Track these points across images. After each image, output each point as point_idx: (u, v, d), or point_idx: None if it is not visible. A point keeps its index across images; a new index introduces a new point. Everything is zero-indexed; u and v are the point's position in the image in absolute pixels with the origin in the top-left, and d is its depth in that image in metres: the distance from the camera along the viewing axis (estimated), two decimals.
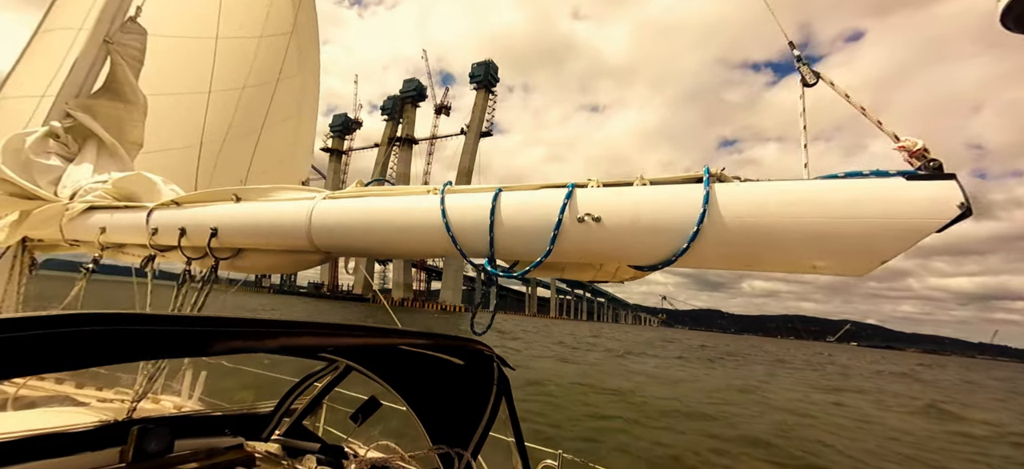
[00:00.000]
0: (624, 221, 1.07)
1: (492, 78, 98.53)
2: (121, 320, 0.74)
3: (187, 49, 3.28)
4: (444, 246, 1.32)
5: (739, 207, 0.96)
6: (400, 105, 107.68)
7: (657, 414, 9.74)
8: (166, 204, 2.01)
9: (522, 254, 1.24)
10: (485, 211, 1.23)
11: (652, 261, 1.08)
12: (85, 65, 2.42)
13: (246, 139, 3.73)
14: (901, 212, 0.82)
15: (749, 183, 1.00)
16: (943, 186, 0.81)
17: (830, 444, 8.63)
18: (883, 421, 11.99)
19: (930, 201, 0.81)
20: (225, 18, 3.37)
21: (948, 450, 9.39)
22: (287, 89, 4.00)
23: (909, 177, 0.85)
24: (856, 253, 0.87)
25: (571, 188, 1.15)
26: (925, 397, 19.03)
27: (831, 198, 0.88)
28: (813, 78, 1.17)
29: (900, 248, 0.83)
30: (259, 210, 1.74)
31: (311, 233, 1.56)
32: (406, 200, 1.42)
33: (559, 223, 1.12)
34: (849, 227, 0.86)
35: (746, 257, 0.98)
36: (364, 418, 2.01)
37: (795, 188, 0.93)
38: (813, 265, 0.91)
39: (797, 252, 0.91)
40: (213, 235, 1.77)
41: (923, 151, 0.87)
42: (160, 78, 2.70)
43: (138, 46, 2.53)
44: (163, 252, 2.01)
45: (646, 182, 1.11)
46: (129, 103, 2.53)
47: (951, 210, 0.79)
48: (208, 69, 3.29)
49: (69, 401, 2.46)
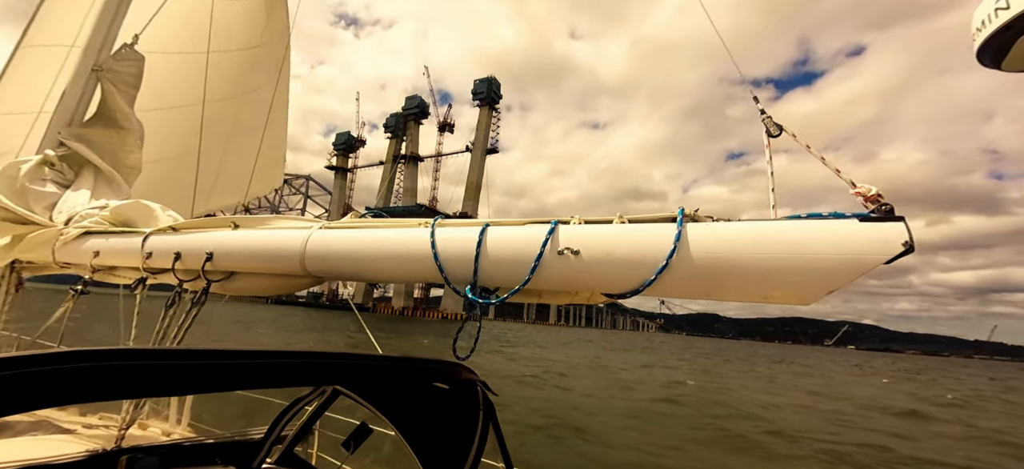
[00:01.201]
0: (601, 255, 1.16)
1: (495, 94, 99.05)
2: (95, 357, 0.71)
3: (160, 65, 3.31)
4: (431, 275, 1.41)
5: (706, 244, 1.06)
6: (403, 122, 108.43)
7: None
8: (163, 230, 2.06)
9: (503, 282, 1.34)
10: (472, 243, 1.32)
11: (622, 290, 1.18)
12: (75, 94, 2.43)
13: (218, 149, 3.75)
14: (850, 249, 0.94)
15: (720, 223, 1.10)
16: (891, 227, 0.92)
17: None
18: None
19: (878, 239, 0.92)
20: (199, 33, 3.41)
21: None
22: (258, 100, 4.04)
23: (862, 219, 0.96)
24: (806, 285, 0.97)
25: (554, 224, 1.25)
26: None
27: (790, 237, 1.00)
28: (776, 130, 1.31)
29: (845, 280, 0.94)
30: (255, 237, 1.80)
31: (305, 259, 1.63)
32: (398, 232, 1.51)
33: (540, 255, 1.21)
34: (802, 262, 0.97)
35: (707, 288, 1.08)
36: (356, 445, 2.01)
37: (759, 227, 1.04)
38: (765, 296, 1.02)
39: (753, 284, 1.01)
40: (208, 259, 1.82)
41: (877, 196, 0.98)
42: (142, 94, 2.70)
43: (133, 72, 2.55)
44: (155, 274, 2.03)
45: (625, 220, 1.21)
46: (123, 130, 2.56)
47: (896, 247, 0.90)
48: (184, 82, 3.34)
49: (54, 428, 2.39)
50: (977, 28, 1.16)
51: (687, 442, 8.89)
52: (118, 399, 1.92)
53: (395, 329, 40.39)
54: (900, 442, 10.32)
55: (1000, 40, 1.11)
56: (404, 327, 45.68)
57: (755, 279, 1.01)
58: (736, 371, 28.06)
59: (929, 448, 10.07)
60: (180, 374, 0.90)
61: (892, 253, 0.89)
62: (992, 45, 1.13)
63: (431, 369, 1.67)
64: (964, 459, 9.26)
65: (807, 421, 12.13)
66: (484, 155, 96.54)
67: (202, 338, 2.15)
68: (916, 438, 11.10)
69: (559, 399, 12.10)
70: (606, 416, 10.49)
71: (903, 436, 11.14)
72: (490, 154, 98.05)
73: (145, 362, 0.83)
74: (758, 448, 8.93)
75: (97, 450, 1.69)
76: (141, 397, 1.90)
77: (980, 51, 1.16)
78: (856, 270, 0.92)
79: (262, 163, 4.12)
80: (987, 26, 1.13)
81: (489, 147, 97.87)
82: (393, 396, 1.95)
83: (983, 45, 1.14)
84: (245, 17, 3.83)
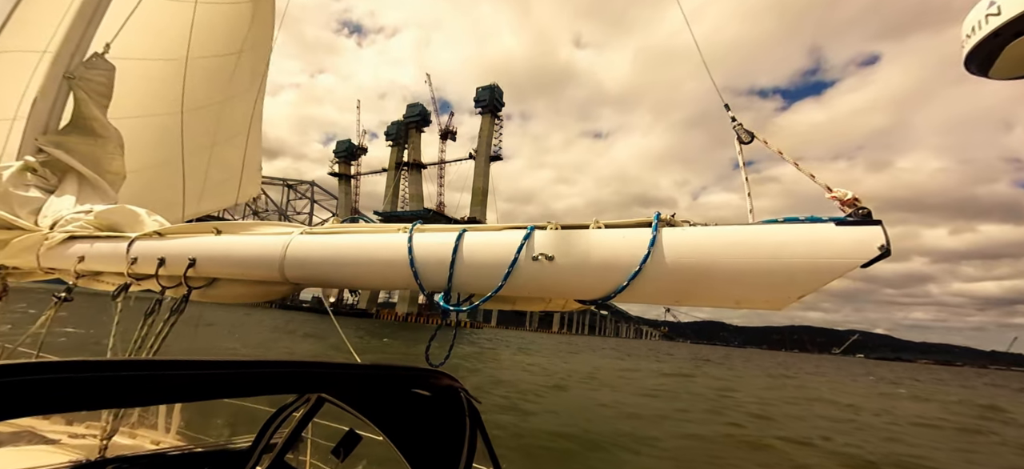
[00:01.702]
0: (575, 260, 1.15)
1: (498, 102, 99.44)
2: (64, 369, 0.70)
3: (137, 72, 3.30)
4: (406, 280, 1.39)
5: (680, 249, 1.05)
6: (404, 130, 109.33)
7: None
8: (149, 235, 2.06)
9: (477, 289, 1.32)
10: (448, 249, 1.31)
11: (594, 296, 1.17)
12: (46, 101, 2.42)
13: (197, 157, 3.74)
14: (825, 252, 0.93)
15: (697, 227, 1.09)
16: (868, 230, 0.91)
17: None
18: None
19: (854, 243, 0.91)
20: (176, 40, 3.41)
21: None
22: (239, 105, 4.04)
23: (839, 223, 0.95)
24: (777, 288, 0.96)
25: (531, 229, 1.24)
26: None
27: (765, 240, 0.98)
28: (747, 137, 1.34)
29: (818, 284, 0.93)
30: (237, 243, 1.79)
31: (284, 266, 1.62)
32: (377, 237, 1.50)
33: (514, 261, 1.20)
34: (776, 266, 0.96)
35: (678, 294, 1.07)
36: (346, 452, 1.97)
37: (734, 232, 1.03)
38: (737, 301, 1.01)
39: (724, 289, 1.01)
40: (191, 265, 1.82)
41: (854, 200, 0.97)
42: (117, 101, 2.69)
43: (104, 81, 2.55)
44: (139, 280, 2.04)
45: (601, 225, 1.20)
46: (101, 137, 2.56)
47: (872, 251, 0.89)
48: (161, 90, 3.33)
49: (37, 438, 2.36)
50: (967, 35, 1.12)
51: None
52: (87, 409, 1.89)
53: (399, 335, 40.35)
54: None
55: (988, 47, 1.09)
56: (408, 333, 45.57)
57: (726, 284, 1.00)
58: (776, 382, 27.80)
59: None
60: (148, 385, 0.88)
61: (868, 256, 0.89)
62: (980, 52, 1.11)
63: (409, 376, 1.63)
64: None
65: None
66: (488, 162, 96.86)
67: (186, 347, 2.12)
68: None
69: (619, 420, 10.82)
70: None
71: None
72: (494, 161, 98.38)
73: (111, 374, 0.81)
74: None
75: (81, 460, 1.66)
76: (107, 407, 1.87)
77: (968, 58, 1.14)
78: (830, 273, 0.92)
79: (236, 171, 4.12)
80: (977, 32, 1.09)
81: (492, 154, 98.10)
82: (377, 403, 1.92)
83: (971, 52, 1.12)
84: (229, 22, 3.83)
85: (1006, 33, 1.07)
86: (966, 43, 1.17)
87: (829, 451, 9.17)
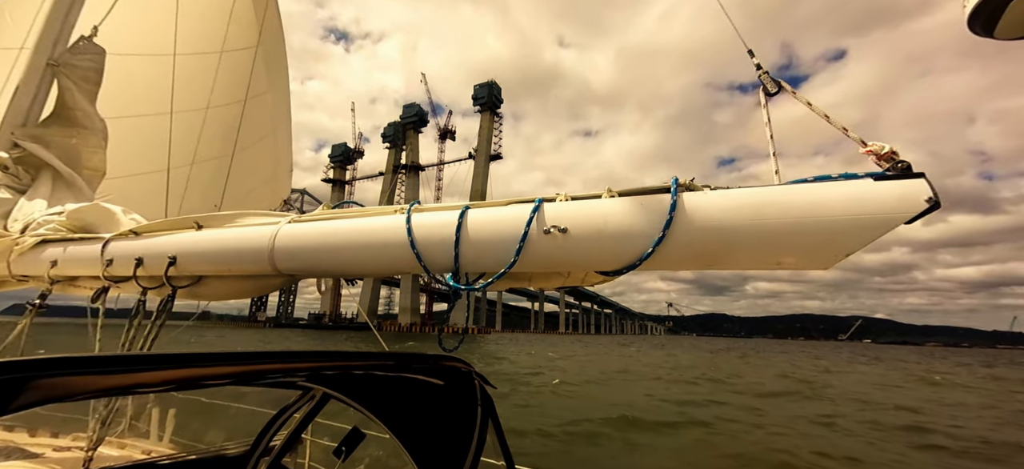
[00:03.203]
0: (591, 231, 1.12)
1: (496, 99, 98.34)
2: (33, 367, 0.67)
3: (149, 68, 3.16)
4: (409, 263, 1.33)
5: (707, 211, 1.02)
6: (402, 132, 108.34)
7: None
8: (124, 234, 1.94)
9: (487, 267, 1.27)
10: (451, 228, 1.26)
11: (617, 266, 1.13)
12: (28, 91, 2.26)
13: (220, 161, 3.60)
14: (868, 209, 0.89)
15: (719, 190, 1.05)
16: (912, 184, 0.87)
17: None
18: None
19: (898, 197, 0.87)
20: (188, 35, 3.26)
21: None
22: (259, 107, 3.89)
23: (877, 178, 0.91)
24: (821, 248, 0.92)
25: (539, 202, 1.19)
26: None
27: (798, 200, 0.95)
28: (774, 87, 1.24)
29: (866, 240, 0.89)
30: (220, 236, 1.71)
31: (274, 256, 1.54)
32: (372, 220, 1.44)
33: (525, 235, 1.16)
34: (814, 225, 0.92)
35: (710, 256, 1.03)
36: (348, 452, 1.91)
37: (763, 192, 0.99)
38: (778, 261, 0.97)
39: (762, 249, 0.97)
40: (171, 263, 1.71)
41: (891, 153, 0.92)
42: (122, 100, 2.56)
43: (93, 67, 2.39)
44: (117, 283, 1.91)
45: (614, 194, 1.15)
46: (84, 129, 2.40)
47: (920, 203, 0.85)
48: (162, 89, 3.16)
49: (20, 452, 2.27)
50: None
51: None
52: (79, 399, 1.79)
53: (403, 346, 39.85)
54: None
55: (992, 4, 1.00)
56: (412, 344, 45.02)
57: (763, 245, 0.96)
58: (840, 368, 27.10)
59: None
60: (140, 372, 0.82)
61: (916, 211, 0.85)
62: (984, 10, 1.02)
63: (425, 365, 1.58)
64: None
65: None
66: (487, 161, 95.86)
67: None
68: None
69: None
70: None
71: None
72: (493, 161, 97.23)
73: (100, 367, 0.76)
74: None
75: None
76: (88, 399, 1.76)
77: (971, 18, 1.05)
78: (875, 230, 0.88)
79: (265, 175, 3.97)
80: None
81: (492, 153, 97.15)
82: (386, 397, 1.84)
83: (975, 11, 1.04)
84: (233, 17, 3.66)
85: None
86: (967, 3, 1.08)
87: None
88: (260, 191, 4.05)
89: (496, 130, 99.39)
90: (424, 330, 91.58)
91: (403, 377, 1.64)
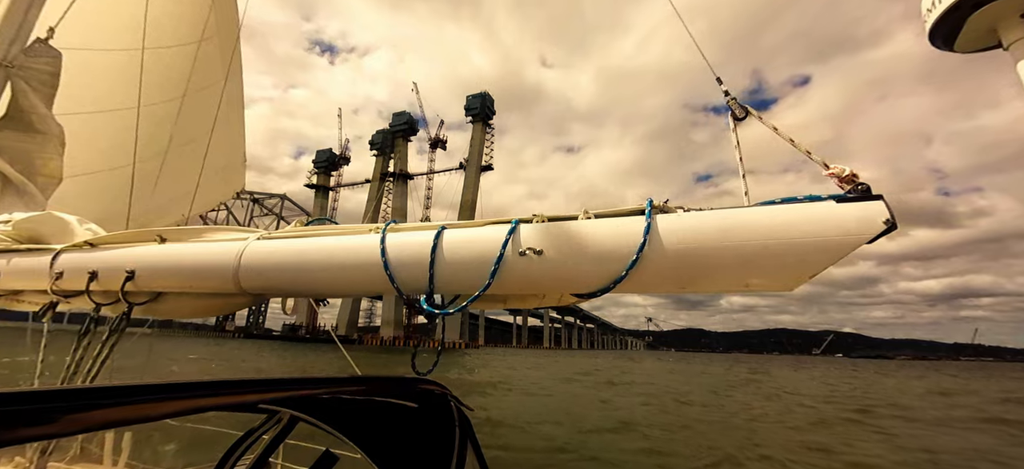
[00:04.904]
0: (565, 253, 1.11)
1: (489, 110, 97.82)
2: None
3: (94, 63, 3.03)
4: (381, 284, 1.31)
5: (679, 235, 1.02)
6: (391, 139, 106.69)
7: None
8: (78, 246, 1.83)
9: (462, 289, 1.25)
10: (426, 248, 1.24)
11: (592, 289, 1.12)
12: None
13: (174, 155, 3.45)
14: (830, 230, 0.91)
15: (691, 212, 1.06)
16: (870, 206, 0.90)
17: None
18: None
19: (858, 219, 0.90)
20: (134, 29, 3.13)
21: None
22: (211, 97, 3.76)
23: (839, 200, 0.94)
24: (786, 269, 0.94)
25: (515, 224, 1.19)
26: None
27: (765, 222, 0.96)
28: (742, 112, 1.28)
29: (828, 262, 0.91)
30: (184, 251, 1.63)
31: (239, 275, 1.49)
32: (345, 239, 1.41)
33: (500, 257, 1.15)
34: (781, 247, 0.93)
35: (683, 280, 1.02)
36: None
37: (732, 215, 1.00)
38: (746, 284, 0.98)
39: (732, 272, 0.97)
40: (129, 278, 1.62)
41: (852, 176, 0.95)
42: (65, 95, 2.43)
43: (49, 70, 2.28)
44: (67, 298, 1.79)
45: (591, 215, 1.15)
46: (40, 134, 2.27)
47: (877, 225, 0.88)
48: (123, 83, 3.04)
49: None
50: (927, 9, 1.12)
51: None
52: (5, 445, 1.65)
53: (386, 361, 37.98)
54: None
55: (951, 20, 1.06)
56: (396, 359, 43.01)
57: (733, 267, 0.97)
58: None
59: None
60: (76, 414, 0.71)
61: (874, 232, 0.88)
62: (943, 25, 1.08)
63: (396, 388, 1.51)
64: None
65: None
66: (479, 172, 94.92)
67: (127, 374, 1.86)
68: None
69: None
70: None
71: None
72: (485, 171, 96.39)
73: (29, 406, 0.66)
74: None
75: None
76: (30, 441, 1.63)
77: (932, 33, 1.11)
78: (837, 252, 0.90)
79: (216, 166, 3.82)
80: (937, 6, 1.08)
81: (484, 164, 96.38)
82: (358, 419, 1.76)
83: (934, 26, 1.10)
84: (187, 10, 3.58)
85: (966, 4, 1.04)
86: (927, 18, 1.16)
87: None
88: (212, 182, 3.90)
89: (488, 141, 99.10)
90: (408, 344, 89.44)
91: (373, 399, 1.60)
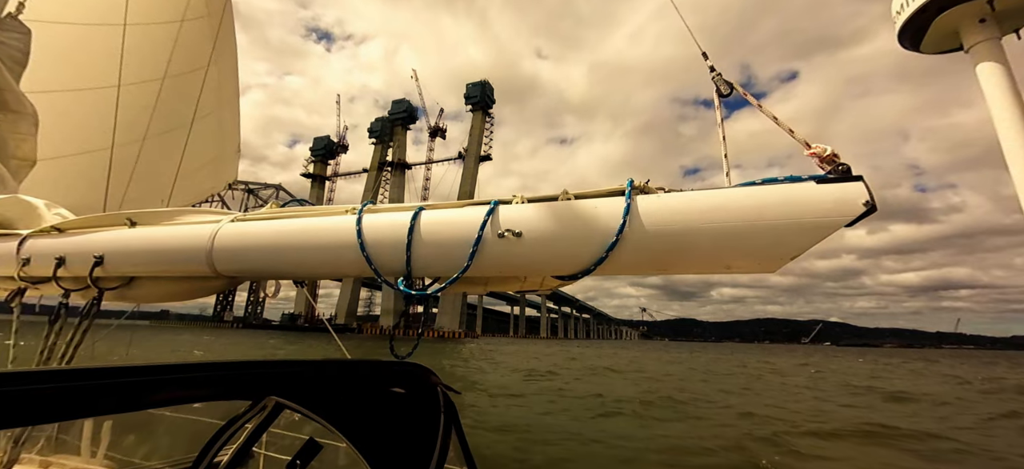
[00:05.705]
0: (545, 234, 1.10)
1: (489, 99, 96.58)
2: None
3: (71, 38, 2.91)
4: (358, 266, 1.30)
5: (659, 216, 1.01)
6: (389, 128, 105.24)
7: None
8: (45, 231, 1.79)
9: (441, 271, 1.24)
10: (403, 230, 1.22)
11: (572, 270, 1.11)
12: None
13: (160, 140, 3.34)
14: (810, 211, 0.89)
15: (672, 193, 1.05)
16: (850, 187, 0.89)
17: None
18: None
19: (838, 201, 0.88)
20: (124, 4, 3.00)
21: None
22: (201, 82, 3.61)
23: (819, 181, 0.93)
24: (767, 251, 0.92)
25: (494, 205, 1.17)
26: None
27: (746, 203, 0.95)
28: (727, 88, 1.26)
29: (808, 244, 0.89)
30: (155, 235, 1.60)
31: (213, 257, 1.48)
32: (320, 221, 1.39)
33: (479, 239, 1.14)
34: (761, 228, 0.92)
35: (664, 261, 1.02)
36: (304, 465, 1.79)
37: (713, 196, 0.99)
38: (727, 265, 0.97)
39: (712, 254, 0.97)
40: (97, 263, 1.59)
41: (833, 156, 0.94)
42: (43, 73, 2.33)
43: (19, 47, 2.19)
44: (35, 284, 1.76)
45: (571, 196, 1.14)
46: (13, 113, 2.18)
47: (857, 207, 0.86)
48: (105, 61, 2.91)
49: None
50: (896, 12, 1.12)
51: None
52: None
53: (385, 351, 37.60)
54: None
55: (918, 22, 1.06)
56: (396, 348, 42.44)
57: (714, 249, 0.97)
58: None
59: None
60: (54, 398, 0.69)
61: (854, 214, 0.87)
62: (910, 27, 1.08)
63: (383, 372, 1.52)
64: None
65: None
66: (478, 162, 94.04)
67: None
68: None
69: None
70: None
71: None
72: (483, 161, 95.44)
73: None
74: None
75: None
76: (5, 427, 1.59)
77: (900, 33, 1.11)
78: (818, 233, 0.89)
79: (210, 155, 3.70)
80: (906, 8, 1.08)
81: (483, 154, 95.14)
82: (342, 405, 1.74)
83: (902, 28, 1.09)
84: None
85: (933, 7, 1.03)
86: (897, 19, 1.14)
87: None
88: (203, 172, 3.79)
89: (487, 130, 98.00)
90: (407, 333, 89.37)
91: (360, 385, 1.57)
